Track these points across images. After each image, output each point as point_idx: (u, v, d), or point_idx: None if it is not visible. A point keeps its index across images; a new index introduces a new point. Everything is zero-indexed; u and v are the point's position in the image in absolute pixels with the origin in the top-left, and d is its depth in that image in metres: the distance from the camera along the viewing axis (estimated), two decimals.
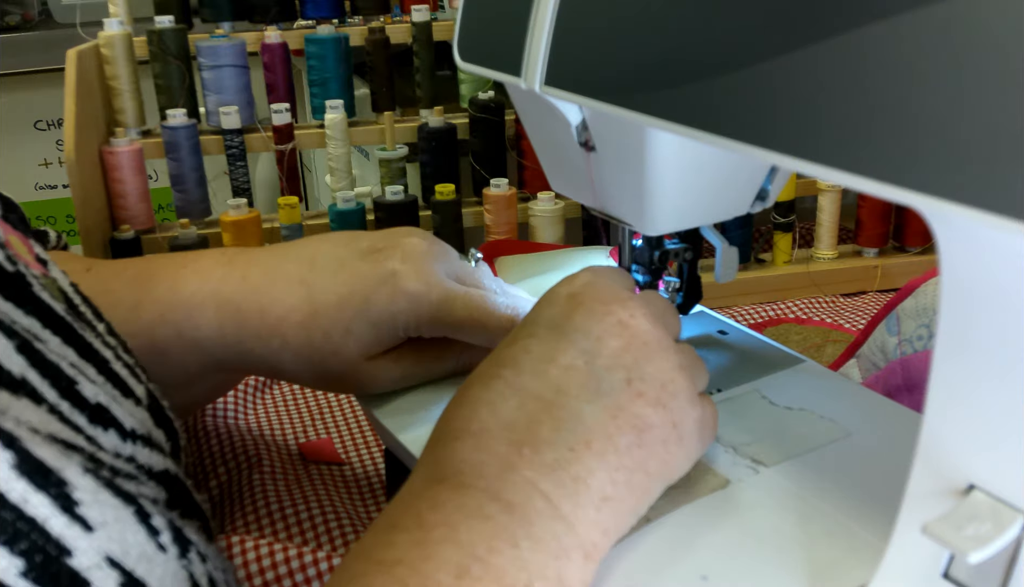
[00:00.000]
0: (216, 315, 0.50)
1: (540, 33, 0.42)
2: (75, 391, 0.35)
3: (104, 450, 0.35)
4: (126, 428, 0.36)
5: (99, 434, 0.35)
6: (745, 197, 0.48)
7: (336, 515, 0.54)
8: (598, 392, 0.38)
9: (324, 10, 0.92)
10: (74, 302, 0.41)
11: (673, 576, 0.37)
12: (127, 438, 0.36)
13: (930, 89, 0.26)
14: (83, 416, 0.34)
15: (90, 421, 0.34)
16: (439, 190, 0.87)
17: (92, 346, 0.38)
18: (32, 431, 0.30)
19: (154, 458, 0.38)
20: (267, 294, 0.50)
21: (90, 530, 0.30)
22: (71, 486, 0.30)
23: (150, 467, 0.37)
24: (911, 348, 0.57)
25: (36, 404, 0.32)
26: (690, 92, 0.34)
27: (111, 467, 0.34)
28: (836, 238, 0.88)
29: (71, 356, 0.36)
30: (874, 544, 0.37)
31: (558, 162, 0.51)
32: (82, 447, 0.33)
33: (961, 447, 0.31)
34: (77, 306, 0.41)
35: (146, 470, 0.37)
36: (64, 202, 1.90)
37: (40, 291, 0.37)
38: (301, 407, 0.69)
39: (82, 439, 0.34)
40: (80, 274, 0.52)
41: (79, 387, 0.35)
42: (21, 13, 1.81)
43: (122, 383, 0.39)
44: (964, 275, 0.29)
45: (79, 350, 0.37)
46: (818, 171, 0.30)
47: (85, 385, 0.35)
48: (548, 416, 0.37)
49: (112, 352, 0.40)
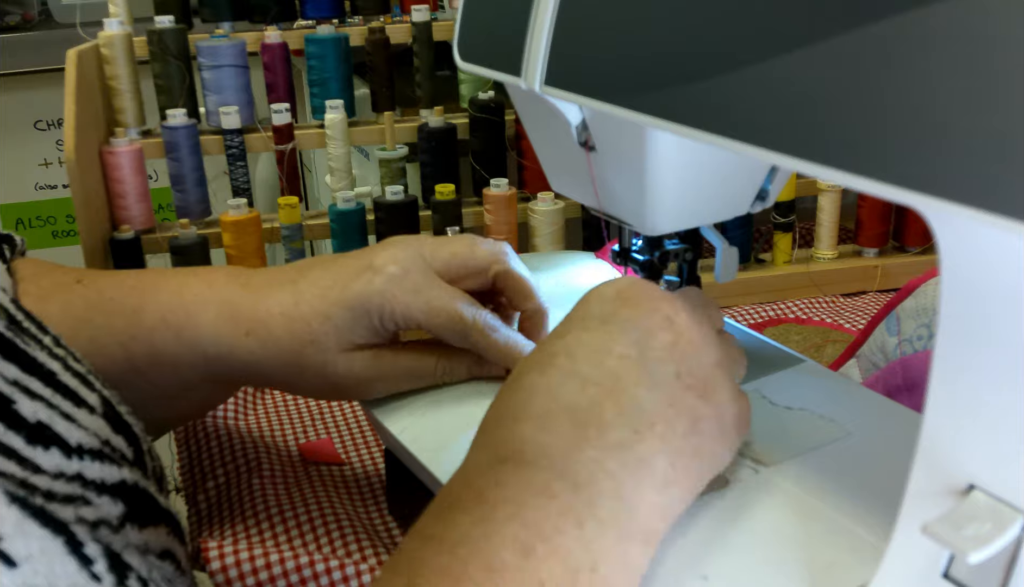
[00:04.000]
0: (216, 315, 0.51)
1: (540, 33, 0.42)
2: (11, 411, 0.33)
3: (43, 472, 0.33)
4: (71, 444, 0.35)
5: (38, 454, 0.33)
6: (745, 197, 0.48)
7: (336, 516, 0.54)
8: (653, 382, 0.39)
9: (324, 10, 0.92)
10: (16, 318, 0.40)
11: (673, 576, 0.37)
12: (72, 454, 0.35)
13: (930, 89, 0.26)
14: (19, 437, 0.33)
15: (27, 441, 0.33)
16: (439, 190, 0.87)
17: (36, 360, 0.37)
18: None
19: (107, 471, 0.36)
20: (261, 293, 0.51)
21: (13, 565, 0.28)
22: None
23: (102, 481, 0.36)
24: (911, 348, 0.57)
25: None
26: (690, 92, 0.34)
27: (47, 491, 0.33)
28: (836, 238, 0.88)
29: (12, 372, 0.35)
30: (874, 544, 0.37)
31: (558, 162, 0.51)
32: (12, 473, 0.32)
33: (961, 447, 0.31)
34: (20, 322, 0.40)
35: (96, 485, 0.36)
36: (64, 202, 1.89)
37: None
38: (301, 407, 0.69)
39: (14, 463, 0.32)
40: (70, 286, 0.53)
41: (16, 406, 0.34)
42: (21, 13, 1.81)
43: (72, 393, 0.38)
44: (964, 275, 0.29)
45: (21, 365, 0.36)
46: (818, 171, 0.30)
47: (23, 403, 0.34)
48: (610, 400, 0.38)
49: (60, 363, 0.39)
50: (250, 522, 0.54)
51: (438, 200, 0.87)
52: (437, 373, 0.52)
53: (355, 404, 0.69)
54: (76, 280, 0.54)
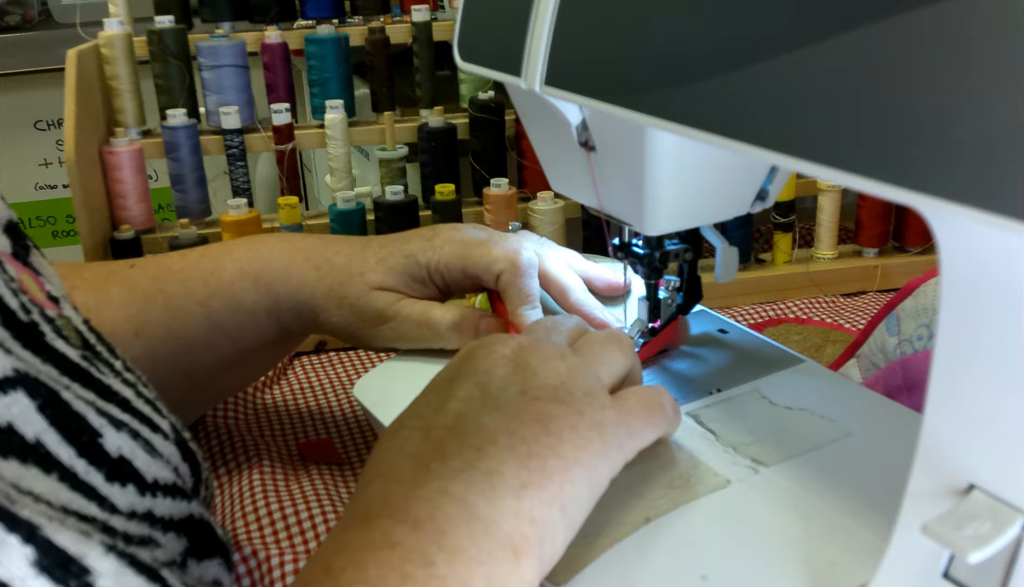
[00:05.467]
0: (289, 257, 0.57)
1: (540, 33, 0.42)
2: (97, 445, 0.33)
3: (119, 512, 0.33)
4: (147, 480, 0.35)
5: (115, 492, 0.33)
6: (745, 197, 0.48)
7: (336, 515, 0.54)
8: (496, 405, 0.39)
9: (324, 10, 0.92)
10: (90, 341, 0.40)
11: (673, 576, 0.37)
12: (146, 491, 0.35)
13: (930, 89, 0.26)
14: (100, 474, 0.33)
15: (107, 479, 0.33)
16: (439, 190, 0.87)
17: (112, 388, 0.37)
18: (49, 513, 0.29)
19: (176, 507, 0.37)
20: (335, 244, 0.59)
21: None
22: (94, 574, 0.28)
23: (170, 517, 0.36)
24: (911, 348, 0.57)
25: (45, 472, 0.31)
26: (690, 92, 0.34)
27: (123, 534, 0.33)
28: (836, 238, 0.88)
29: (93, 398, 0.35)
30: (874, 544, 0.37)
31: (558, 162, 0.51)
32: (94, 516, 0.32)
33: (961, 447, 0.31)
34: (93, 345, 0.40)
35: (163, 522, 0.36)
36: (64, 202, 1.90)
37: (54, 339, 0.36)
38: (301, 407, 0.69)
39: (95, 505, 0.32)
40: (124, 271, 0.58)
41: (102, 440, 0.34)
42: (21, 13, 1.81)
43: (148, 419, 0.38)
44: (964, 275, 0.29)
45: (98, 392, 0.36)
46: (818, 171, 0.30)
47: (109, 436, 0.34)
48: (452, 435, 0.38)
49: (132, 390, 0.39)
50: (250, 521, 0.54)
51: (438, 200, 0.87)
52: (443, 325, 0.55)
53: (355, 404, 0.69)
54: (128, 266, 0.59)
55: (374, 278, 0.56)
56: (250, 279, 0.57)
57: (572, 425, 0.38)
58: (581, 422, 0.38)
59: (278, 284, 0.57)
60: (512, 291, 0.54)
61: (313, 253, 0.58)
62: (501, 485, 0.35)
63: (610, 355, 0.44)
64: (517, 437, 0.37)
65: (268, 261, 0.57)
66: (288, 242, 0.59)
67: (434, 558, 0.33)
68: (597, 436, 0.38)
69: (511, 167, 0.92)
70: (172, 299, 0.56)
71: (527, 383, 0.39)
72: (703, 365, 0.53)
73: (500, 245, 0.55)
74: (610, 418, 0.39)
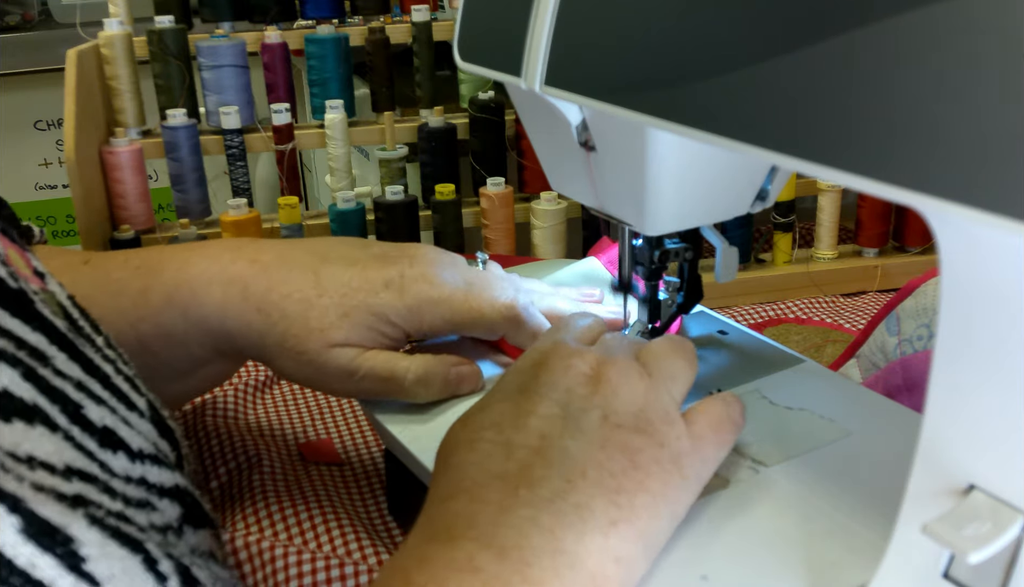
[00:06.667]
0: (222, 292, 0.51)
1: (540, 33, 0.42)
2: (82, 415, 0.34)
3: (116, 476, 0.34)
4: (133, 449, 0.36)
5: (109, 458, 0.34)
6: (745, 197, 0.48)
7: (336, 515, 0.54)
8: (579, 430, 0.39)
9: (324, 10, 0.92)
10: (73, 316, 0.40)
11: (673, 576, 0.37)
12: (135, 459, 0.36)
13: (930, 89, 0.26)
14: (93, 440, 0.34)
15: (100, 446, 0.34)
16: (439, 190, 0.87)
17: (93, 362, 0.38)
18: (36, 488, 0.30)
19: (164, 475, 0.37)
20: (277, 275, 0.51)
21: (98, 586, 0.29)
22: (78, 542, 0.29)
23: (162, 484, 0.37)
24: (911, 348, 0.57)
25: (51, 431, 0.32)
26: (690, 92, 0.34)
27: (123, 495, 0.34)
28: (836, 238, 0.88)
29: (76, 373, 0.36)
30: (874, 544, 0.37)
31: (558, 162, 0.51)
32: (95, 475, 0.33)
33: (961, 447, 0.31)
34: (76, 320, 0.40)
35: (158, 489, 0.36)
36: (64, 202, 1.90)
37: (42, 307, 0.37)
38: (301, 407, 0.69)
39: (96, 466, 0.33)
40: (77, 267, 0.54)
41: (85, 411, 0.35)
42: (21, 13, 1.81)
43: (125, 397, 0.39)
44: (964, 275, 0.29)
45: (83, 366, 0.37)
46: (818, 171, 0.30)
47: (91, 408, 0.35)
48: (538, 458, 0.38)
49: (112, 366, 0.39)
50: (250, 521, 0.54)
51: (438, 200, 0.87)
52: (408, 379, 0.51)
53: (355, 404, 0.69)
54: (83, 261, 0.54)
55: (336, 336, 0.50)
56: (178, 311, 0.51)
57: (656, 458, 0.38)
58: (663, 455, 0.39)
59: (211, 321, 0.51)
60: (523, 339, 0.53)
61: (253, 288, 0.51)
62: (591, 520, 0.36)
63: (678, 369, 0.44)
64: (605, 471, 0.37)
65: (196, 293, 0.51)
66: (221, 266, 0.51)
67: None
68: (676, 469, 0.39)
69: (511, 167, 0.92)
70: (105, 312, 0.50)
71: (608, 407, 0.40)
72: (703, 365, 0.53)
73: (486, 298, 0.52)
74: (685, 449, 0.40)
